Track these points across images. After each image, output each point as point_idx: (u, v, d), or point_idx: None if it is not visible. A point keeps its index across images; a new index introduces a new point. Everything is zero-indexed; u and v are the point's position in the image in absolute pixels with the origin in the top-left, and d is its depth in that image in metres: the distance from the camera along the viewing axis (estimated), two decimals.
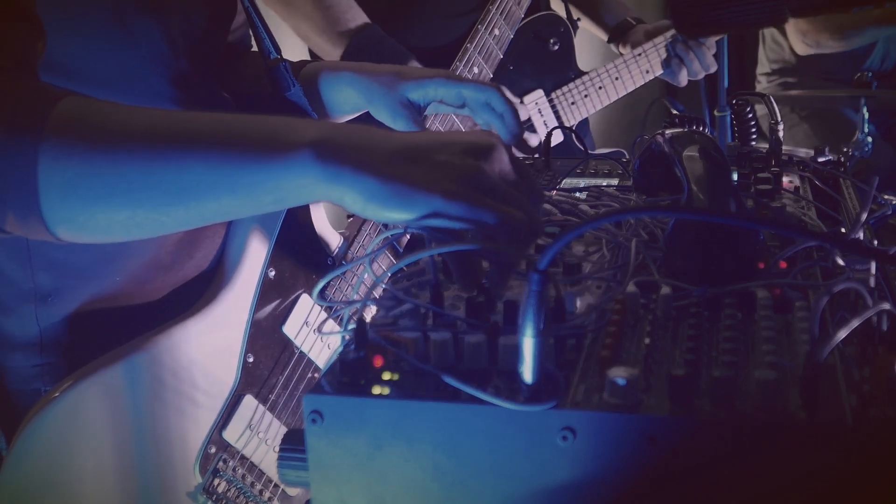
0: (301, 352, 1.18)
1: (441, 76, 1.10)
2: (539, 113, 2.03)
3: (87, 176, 0.76)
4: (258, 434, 1.14)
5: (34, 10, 0.86)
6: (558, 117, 2.04)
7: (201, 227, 1.10)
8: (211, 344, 1.09)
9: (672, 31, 2.00)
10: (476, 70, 1.71)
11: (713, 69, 2.05)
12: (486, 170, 0.74)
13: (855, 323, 0.59)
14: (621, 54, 2.08)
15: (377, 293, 0.80)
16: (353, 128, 0.79)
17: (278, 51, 1.17)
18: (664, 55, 2.02)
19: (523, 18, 1.81)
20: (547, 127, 2.01)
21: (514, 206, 0.73)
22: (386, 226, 1.25)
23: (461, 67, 1.71)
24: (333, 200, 0.74)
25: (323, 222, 1.21)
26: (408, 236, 1.24)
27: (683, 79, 2.04)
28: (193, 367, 1.07)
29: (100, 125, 0.77)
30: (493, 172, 0.74)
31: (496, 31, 1.74)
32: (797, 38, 3.03)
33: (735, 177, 1.08)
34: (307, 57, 1.98)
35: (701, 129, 1.31)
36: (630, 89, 2.06)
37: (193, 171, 0.76)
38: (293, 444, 0.69)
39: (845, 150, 2.11)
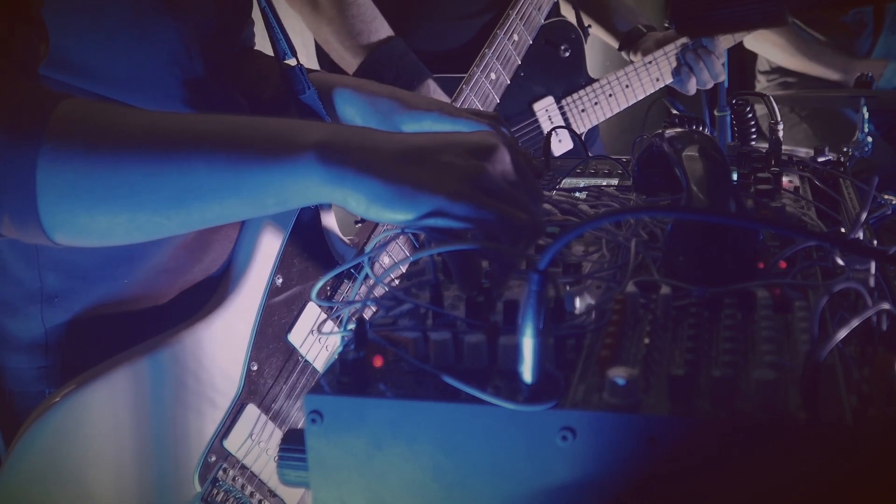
0: (306, 360, 1.17)
1: (437, 110, 1.10)
2: (549, 120, 2.03)
3: (88, 178, 0.75)
4: (259, 444, 1.13)
5: (38, 11, 0.85)
6: (568, 124, 2.04)
7: (212, 231, 1.11)
8: (215, 351, 1.08)
9: (683, 40, 2.00)
10: (493, 76, 1.71)
11: (721, 78, 2.06)
12: (489, 170, 0.74)
13: (855, 323, 0.59)
14: (632, 62, 2.08)
15: (378, 293, 0.80)
16: (356, 129, 0.79)
17: (294, 53, 1.17)
18: (674, 64, 2.02)
19: None
20: (557, 134, 2.01)
21: (518, 207, 0.74)
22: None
23: (478, 73, 1.71)
24: (337, 202, 0.75)
25: (332, 229, 1.20)
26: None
27: (692, 87, 2.04)
28: (196, 375, 1.06)
29: (101, 126, 0.77)
30: (496, 173, 0.75)
31: (515, 37, 1.74)
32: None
33: (735, 177, 1.08)
34: (314, 61, 1.98)
35: (701, 129, 1.31)
36: (640, 97, 2.06)
37: (196, 173, 0.75)
38: (293, 444, 0.69)
39: (845, 150, 2.11)
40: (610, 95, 2.05)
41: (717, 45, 2.00)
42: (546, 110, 2.03)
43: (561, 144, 2.03)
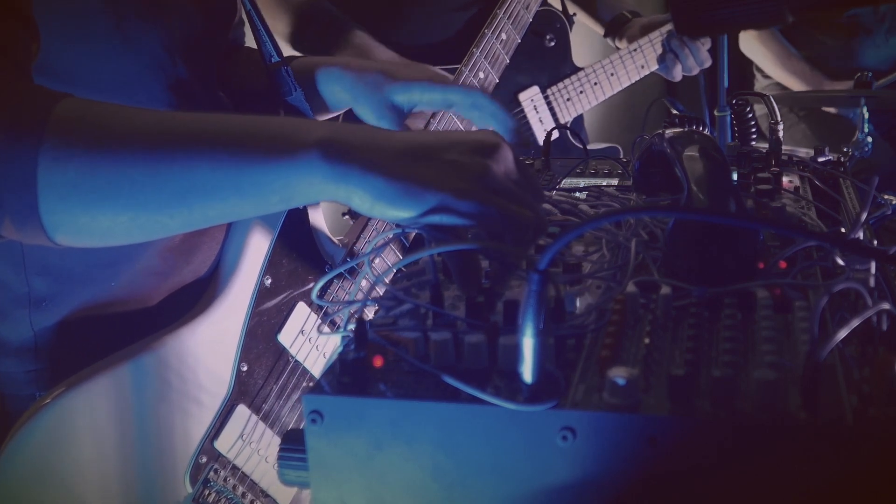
0: (296, 361, 1.17)
1: (426, 79, 1.10)
2: (534, 109, 2.03)
3: (90, 176, 0.75)
4: (250, 444, 1.13)
5: (30, 11, 0.85)
6: (553, 114, 2.04)
7: (200, 233, 1.11)
8: (204, 353, 1.08)
9: (668, 26, 2.01)
10: (482, 75, 1.71)
11: (707, 64, 2.06)
12: (493, 168, 0.74)
13: (855, 323, 0.59)
14: (617, 48, 2.09)
15: (377, 293, 0.80)
16: (359, 127, 0.79)
17: (280, 54, 1.17)
18: (660, 50, 2.03)
19: None
20: (542, 123, 2.02)
21: (522, 205, 0.74)
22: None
23: (466, 72, 1.70)
24: (340, 200, 0.74)
25: (321, 229, 1.20)
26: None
27: (678, 74, 2.05)
28: (186, 376, 1.06)
29: (102, 125, 0.77)
30: (500, 171, 0.75)
31: (503, 36, 1.74)
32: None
33: (735, 177, 1.08)
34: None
35: (701, 129, 1.31)
36: (625, 85, 2.06)
37: (200, 171, 0.75)
38: (293, 444, 0.69)
39: (845, 150, 2.11)
40: (595, 84, 2.05)
41: None
42: (531, 100, 2.03)
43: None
